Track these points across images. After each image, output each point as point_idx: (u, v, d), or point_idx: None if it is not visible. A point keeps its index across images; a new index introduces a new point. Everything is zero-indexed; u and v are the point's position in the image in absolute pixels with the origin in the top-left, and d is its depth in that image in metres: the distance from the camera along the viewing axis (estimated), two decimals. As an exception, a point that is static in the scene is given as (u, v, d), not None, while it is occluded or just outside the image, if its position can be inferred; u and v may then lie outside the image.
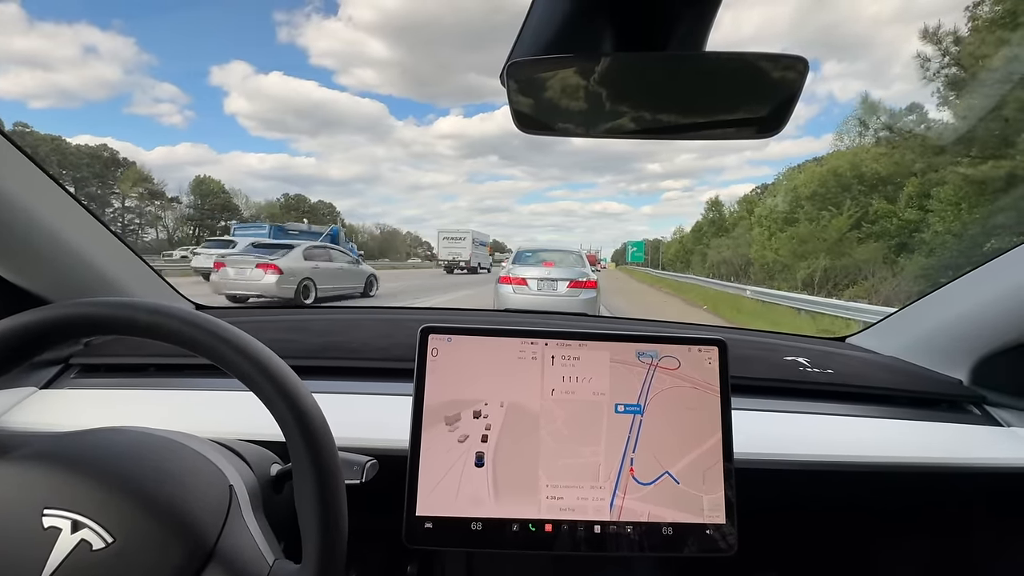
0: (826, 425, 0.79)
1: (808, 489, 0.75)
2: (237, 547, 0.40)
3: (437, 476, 0.58)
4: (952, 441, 0.78)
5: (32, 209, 0.69)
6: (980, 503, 0.83)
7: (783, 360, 0.94)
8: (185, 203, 50.55)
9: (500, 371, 0.61)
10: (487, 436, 0.59)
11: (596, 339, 0.62)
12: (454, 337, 0.61)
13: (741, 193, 45.11)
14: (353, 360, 0.80)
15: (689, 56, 0.41)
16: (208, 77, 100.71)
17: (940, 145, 12.50)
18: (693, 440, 0.60)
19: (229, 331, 0.40)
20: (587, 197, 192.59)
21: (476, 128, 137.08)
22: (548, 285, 6.68)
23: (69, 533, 0.36)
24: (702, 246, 36.98)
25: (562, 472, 0.59)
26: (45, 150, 38.88)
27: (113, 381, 0.77)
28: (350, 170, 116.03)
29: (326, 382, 0.75)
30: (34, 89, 75.09)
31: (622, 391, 0.61)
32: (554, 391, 0.60)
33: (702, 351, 0.63)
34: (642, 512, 0.58)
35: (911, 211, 15.97)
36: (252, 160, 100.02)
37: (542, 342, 0.62)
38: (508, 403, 0.60)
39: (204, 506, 0.41)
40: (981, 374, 0.89)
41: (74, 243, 0.74)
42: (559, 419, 0.60)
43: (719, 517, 0.58)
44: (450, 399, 0.59)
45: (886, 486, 0.76)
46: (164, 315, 0.40)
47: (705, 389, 0.62)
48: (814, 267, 17.13)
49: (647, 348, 0.62)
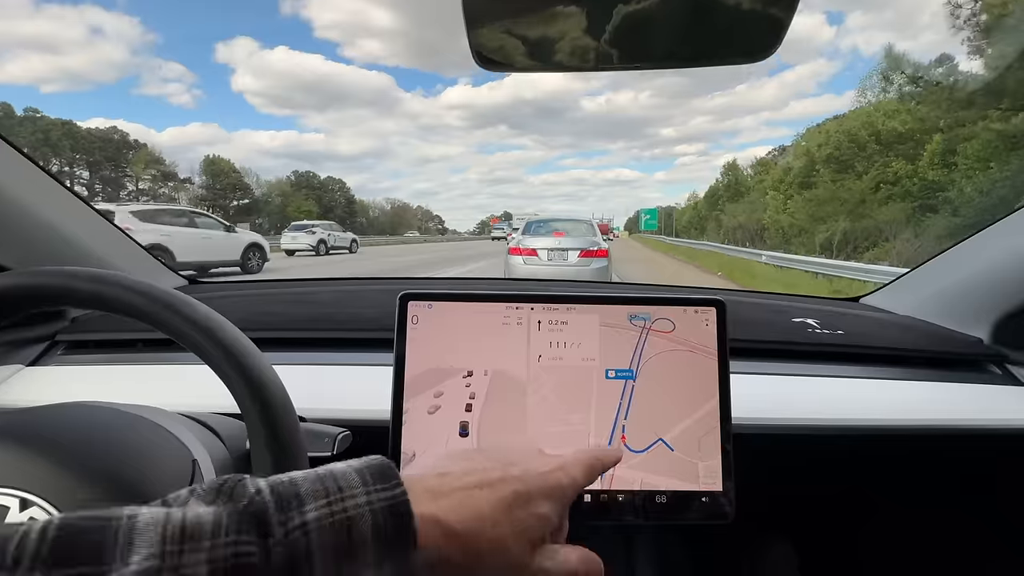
0: (837, 388, 0.75)
1: (815, 455, 0.73)
2: None
3: (420, 447, 0.56)
4: (972, 402, 0.74)
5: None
6: (1001, 465, 0.80)
7: (791, 322, 0.90)
8: (197, 183, 50.89)
9: (484, 338, 0.58)
10: (471, 405, 0.56)
11: (585, 302, 0.58)
12: (435, 303, 0.58)
13: (758, 156, 43.90)
14: (337, 331, 0.78)
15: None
16: (214, 54, 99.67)
17: (968, 99, 11.92)
18: (689, 406, 0.57)
19: (177, 298, 0.38)
20: (599, 165, 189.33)
21: (485, 97, 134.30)
22: (559, 255, 6.61)
23: (17, 511, 0.35)
24: (717, 212, 36.31)
25: (550, 441, 0.56)
26: (57, 134, 39.17)
27: (100, 357, 0.76)
28: (359, 145, 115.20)
29: (308, 354, 0.74)
30: (45, 73, 75.23)
31: (613, 356, 0.58)
32: (541, 357, 0.57)
33: (699, 312, 0.59)
34: (635, 480, 0.56)
35: (935, 170, 15.39)
36: (262, 138, 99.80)
37: (527, 307, 0.58)
38: (493, 371, 0.57)
39: (162, 481, 0.39)
40: (1003, 332, 0.84)
41: (45, 216, 0.72)
42: (546, 386, 0.57)
43: (716, 484, 0.56)
44: (432, 368, 0.57)
45: (900, 450, 0.72)
46: (105, 283, 0.37)
47: (702, 352, 0.58)
48: (833, 230, 16.72)
49: (639, 310, 0.58)
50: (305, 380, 0.68)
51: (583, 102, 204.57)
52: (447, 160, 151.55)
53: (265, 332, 0.76)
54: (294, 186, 63.68)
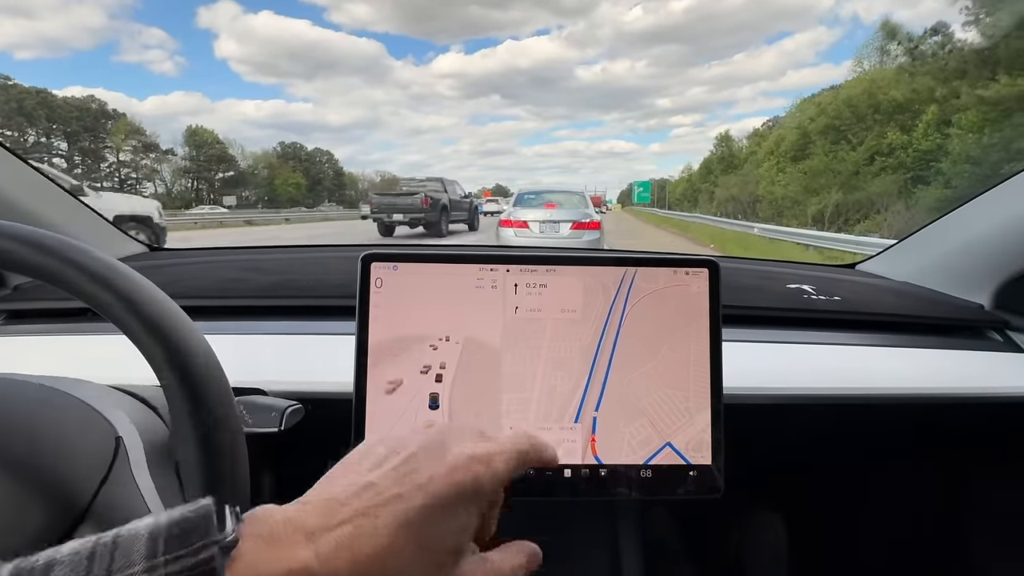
0: (833, 355, 0.71)
1: (810, 425, 0.69)
2: (120, 506, 0.34)
3: (387, 421, 0.51)
4: (972, 369, 0.71)
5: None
6: (1002, 435, 0.77)
7: (786, 288, 0.86)
8: (180, 155, 49.57)
9: (455, 302, 0.53)
10: (442, 376, 0.52)
11: (566, 263, 0.53)
12: (400, 265, 0.53)
13: (754, 127, 43.36)
14: (301, 299, 0.72)
15: None
16: (196, 19, 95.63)
17: (963, 68, 11.78)
18: (677, 375, 0.53)
19: (80, 253, 0.32)
20: (593, 136, 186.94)
21: (477, 66, 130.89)
22: (550, 227, 6.55)
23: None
24: (709, 184, 36.12)
25: (526, 409, 0.52)
26: (31, 103, 37.72)
27: (44, 327, 0.70)
28: (349, 115, 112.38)
29: (270, 323, 0.68)
30: (19, 38, 71.87)
31: (595, 321, 0.53)
32: (517, 320, 0.53)
33: (689, 274, 0.54)
34: (621, 454, 0.52)
35: (929, 140, 15.31)
36: (248, 108, 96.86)
37: (503, 268, 0.53)
38: (465, 338, 0.52)
39: (78, 461, 0.34)
40: (1005, 298, 0.81)
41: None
42: (523, 353, 0.52)
43: (704, 458, 0.52)
44: (398, 335, 0.52)
45: (898, 418, 0.69)
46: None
47: (692, 318, 0.53)
48: (825, 202, 16.71)
49: (626, 272, 0.54)
50: (266, 350, 0.63)
51: (578, 71, 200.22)
52: (438, 131, 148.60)
53: (225, 300, 0.71)
54: (281, 158, 62.29)
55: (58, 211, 0.77)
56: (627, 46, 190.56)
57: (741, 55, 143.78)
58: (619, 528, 0.72)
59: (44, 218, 0.73)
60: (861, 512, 0.87)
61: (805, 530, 0.85)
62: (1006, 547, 0.80)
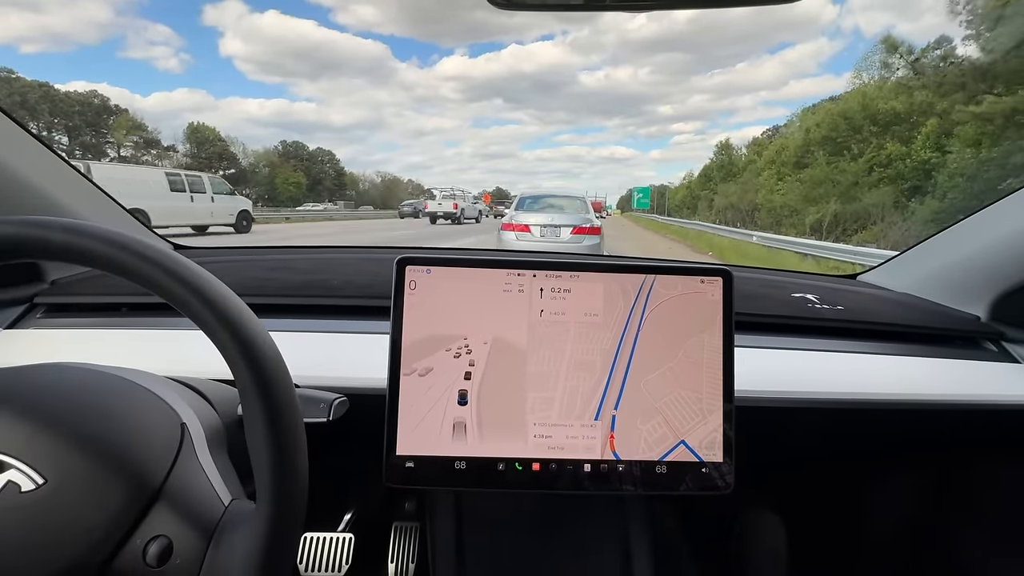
0: (836, 362, 0.75)
1: (813, 428, 0.72)
2: (189, 487, 0.37)
3: (418, 415, 0.54)
4: (968, 378, 0.74)
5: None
6: (996, 441, 0.80)
7: (790, 297, 0.89)
8: (181, 152, 49.52)
9: (484, 305, 0.56)
10: (470, 373, 0.55)
11: (589, 270, 0.57)
12: (433, 268, 0.56)
13: (753, 136, 43.55)
14: (332, 299, 0.75)
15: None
16: (201, 16, 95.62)
17: (962, 82, 11.87)
18: (691, 376, 0.56)
19: (159, 253, 0.35)
20: (595, 142, 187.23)
21: (481, 69, 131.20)
22: (551, 231, 6.58)
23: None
24: (708, 191, 36.22)
25: (550, 409, 0.55)
26: (34, 97, 37.68)
27: (81, 321, 0.73)
28: (352, 115, 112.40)
29: (302, 321, 0.71)
30: (25, 32, 71.68)
31: (616, 325, 0.56)
32: (542, 324, 0.56)
33: (704, 282, 0.57)
34: (635, 450, 0.55)
35: (927, 153, 15.40)
36: (251, 106, 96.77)
37: (530, 273, 0.56)
38: (493, 338, 0.55)
39: (150, 445, 0.37)
40: (1000, 310, 0.84)
41: (19, 171, 0.68)
42: (547, 354, 0.56)
43: (716, 455, 0.55)
44: (430, 335, 0.55)
45: (897, 424, 0.72)
46: (81, 234, 0.34)
47: (707, 323, 0.57)
48: (824, 212, 16.78)
49: (645, 279, 0.57)
50: (299, 347, 0.66)
51: (581, 76, 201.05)
52: (441, 133, 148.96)
53: (257, 298, 0.74)
54: (282, 156, 62.29)
55: (95, 209, 0.81)
56: (631, 53, 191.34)
57: (743, 64, 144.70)
58: (630, 526, 0.75)
59: (84, 215, 0.77)
60: (861, 512, 0.90)
61: (807, 529, 0.88)
62: (1001, 549, 0.83)
